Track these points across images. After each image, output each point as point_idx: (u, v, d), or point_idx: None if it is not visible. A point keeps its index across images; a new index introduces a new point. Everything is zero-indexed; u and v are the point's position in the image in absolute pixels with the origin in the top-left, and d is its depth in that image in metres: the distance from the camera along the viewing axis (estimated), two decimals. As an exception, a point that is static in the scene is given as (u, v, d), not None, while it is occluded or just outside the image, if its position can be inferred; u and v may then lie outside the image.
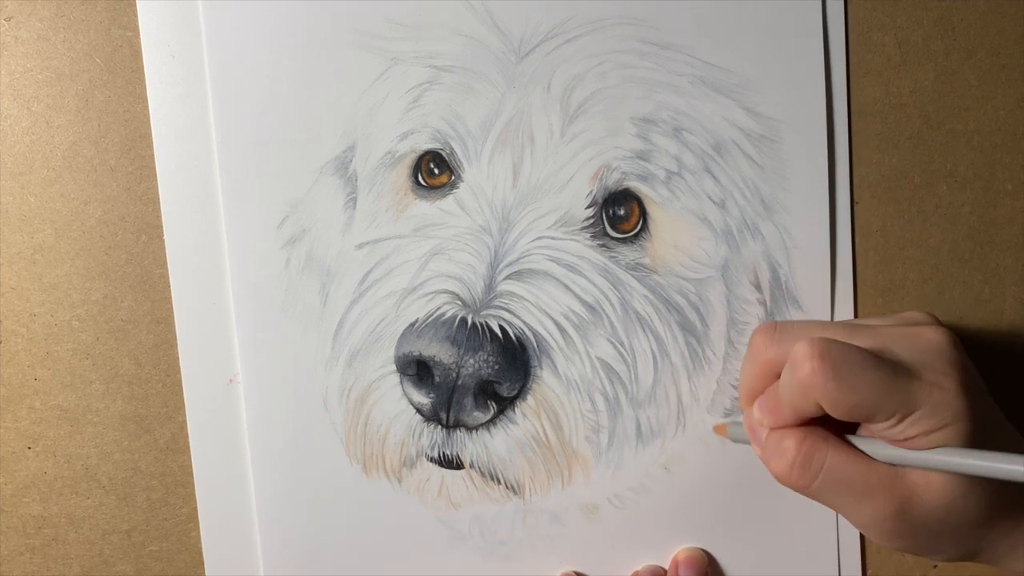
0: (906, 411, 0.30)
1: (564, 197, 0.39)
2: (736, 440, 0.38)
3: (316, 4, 0.38)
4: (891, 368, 0.31)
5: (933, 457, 0.31)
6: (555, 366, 0.39)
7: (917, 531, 0.32)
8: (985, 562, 0.34)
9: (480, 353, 0.37)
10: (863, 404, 0.30)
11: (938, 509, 0.31)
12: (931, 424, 0.30)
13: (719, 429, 0.39)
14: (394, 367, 0.39)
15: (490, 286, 0.38)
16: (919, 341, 0.32)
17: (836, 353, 0.30)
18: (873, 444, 0.32)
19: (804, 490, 0.32)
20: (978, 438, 0.31)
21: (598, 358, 0.39)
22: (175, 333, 0.40)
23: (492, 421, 0.39)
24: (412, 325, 0.39)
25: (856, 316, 0.41)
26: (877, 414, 0.31)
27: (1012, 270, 0.42)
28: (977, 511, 0.31)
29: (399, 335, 0.39)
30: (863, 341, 0.32)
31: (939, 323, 0.34)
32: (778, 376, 0.33)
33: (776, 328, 0.34)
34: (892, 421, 0.31)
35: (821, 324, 0.34)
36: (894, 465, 0.32)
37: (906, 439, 0.31)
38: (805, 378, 0.30)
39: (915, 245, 0.42)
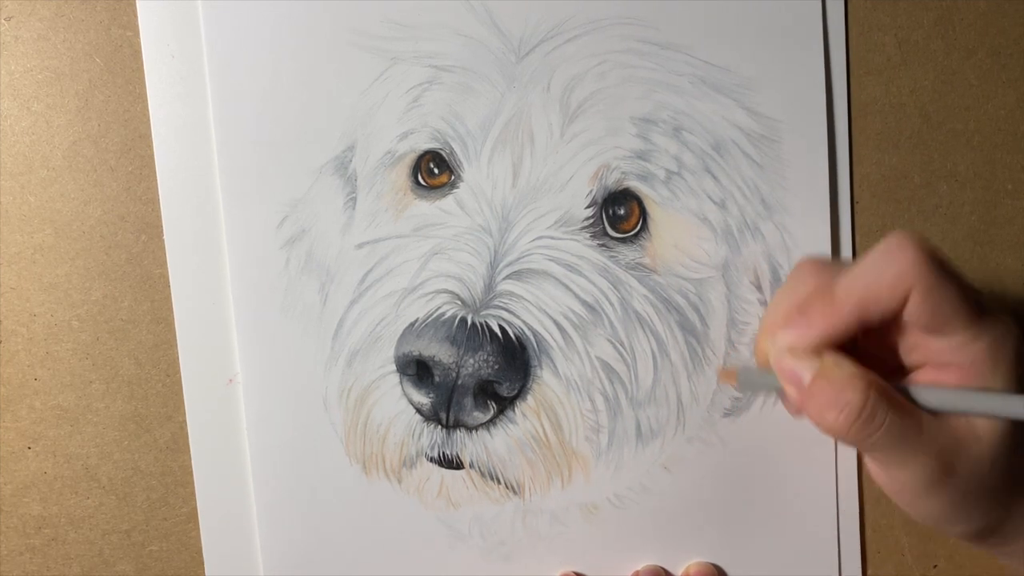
0: (976, 331, 0.29)
1: (564, 197, 0.39)
2: (746, 388, 0.34)
3: (315, 4, 0.38)
4: (968, 285, 0.29)
5: (987, 399, 0.29)
6: (555, 366, 0.39)
7: (955, 489, 0.30)
8: (998, 544, 0.33)
9: (480, 353, 0.37)
10: (954, 299, 0.29)
11: (983, 462, 0.30)
12: (996, 353, 0.29)
13: (726, 375, 0.35)
14: (394, 367, 0.39)
15: (490, 286, 0.38)
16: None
17: (933, 246, 0.29)
18: (918, 390, 0.30)
19: (858, 444, 0.30)
20: None
21: (598, 358, 0.39)
22: (175, 333, 0.40)
23: (492, 421, 0.39)
24: (412, 325, 0.39)
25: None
26: (954, 319, 0.29)
27: (1012, 270, 0.42)
28: (1020, 470, 0.30)
29: (399, 335, 0.39)
30: None
31: None
32: (825, 298, 0.31)
33: (821, 259, 0.33)
34: (964, 337, 0.29)
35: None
36: (939, 414, 0.30)
37: (967, 363, 0.29)
38: (905, 265, 0.29)
39: (915, 245, 0.42)
